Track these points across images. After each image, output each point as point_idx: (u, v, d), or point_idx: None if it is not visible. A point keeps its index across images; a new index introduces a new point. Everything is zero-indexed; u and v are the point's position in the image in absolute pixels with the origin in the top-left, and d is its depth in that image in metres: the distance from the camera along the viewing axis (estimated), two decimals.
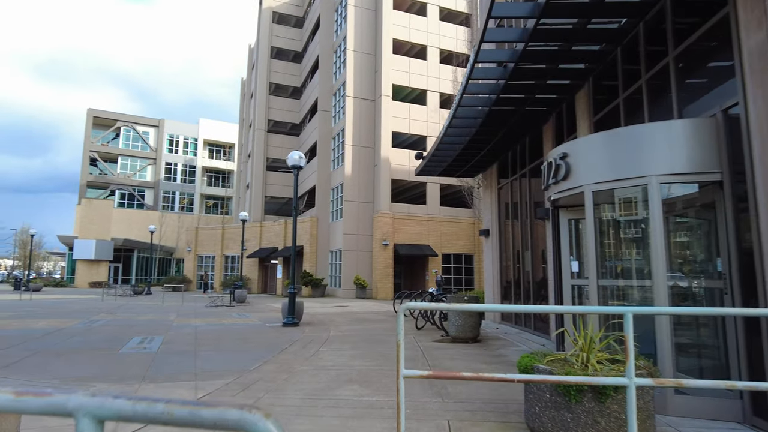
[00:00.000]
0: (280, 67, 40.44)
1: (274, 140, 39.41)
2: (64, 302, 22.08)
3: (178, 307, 19.83)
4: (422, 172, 15.04)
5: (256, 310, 18.73)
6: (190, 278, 39.53)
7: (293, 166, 13.42)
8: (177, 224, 53.85)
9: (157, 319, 14.71)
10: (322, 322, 14.11)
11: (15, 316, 14.62)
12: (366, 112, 30.18)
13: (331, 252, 31.21)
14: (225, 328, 12.20)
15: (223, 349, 8.68)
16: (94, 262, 43.76)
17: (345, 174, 29.34)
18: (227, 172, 64.07)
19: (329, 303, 23.27)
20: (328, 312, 17.89)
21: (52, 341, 9.33)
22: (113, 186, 58.62)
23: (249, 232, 35.68)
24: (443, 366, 7.17)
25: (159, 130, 61.64)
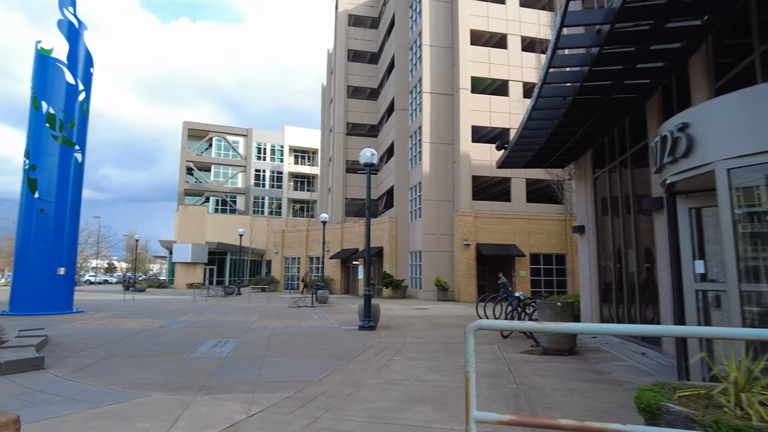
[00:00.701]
0: (357, 70, 40.58)
1: (353, 143, 39.56)
2: (160, 303, 23.45)
3: (262, 308, 20.17)
4: (505, 165, 13.82)
5: (335, 312, 18.51)
6: (278, 279, 40.85)
7: (365, 164, 12.87)
8: (266, 228, 56.19)
9: (239, 320, 14.86)
10: (400, 325, 13.41)
11: (114, 316, 15.50)
12: (444, 108, 29.17)
13: (411, 253, 30.54)
14: (300, 331, 11.91)
15: (292, 356, 8.25)
16: (191, 264, 46.73)
17: (423, 172, 28.53)
18: (312, 176, 65.88)
19: (409, 305, 22.58)
20: (407, 315, 17.19)
21: (133, 343, 9.48)
22: (207, 193, 62.56)
23: (331, 234, 36.08)
24: (533, 384, 6.11)
25: (247, 138, 64.86)
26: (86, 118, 17.86)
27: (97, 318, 14.67)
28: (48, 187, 16.33)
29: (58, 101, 16.78)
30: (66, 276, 16.56)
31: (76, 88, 17.26)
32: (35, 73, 16.85)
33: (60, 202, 16.55)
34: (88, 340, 9.56)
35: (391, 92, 34.05)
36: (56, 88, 16.84)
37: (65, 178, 16.81)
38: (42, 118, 16.48)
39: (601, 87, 8.41)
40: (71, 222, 17.02)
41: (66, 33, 17.25)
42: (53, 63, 16.89)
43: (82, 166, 17.58)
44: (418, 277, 29.02)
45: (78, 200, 17.41)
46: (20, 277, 16.00)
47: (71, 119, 17.01)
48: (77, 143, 17.25)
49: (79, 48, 17.57)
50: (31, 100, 16.67)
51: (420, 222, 28.79)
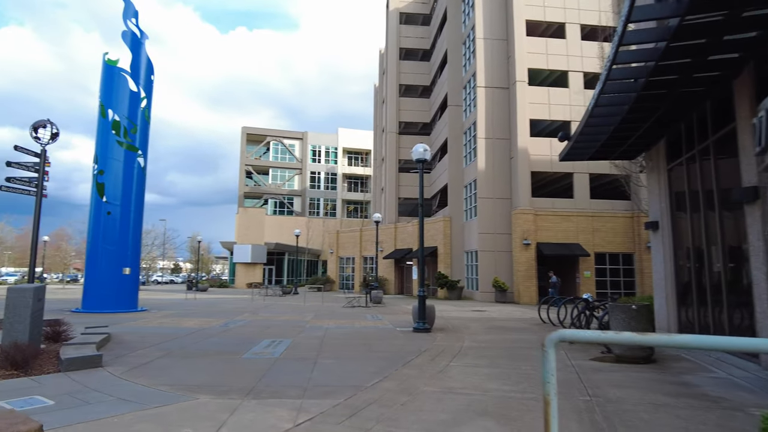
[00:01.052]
0: (408, 68, 40.20)
1: (406, 142, 39.19)
2: (219, 302, 24.09)
3: (317, 308, 20.20)
4: (569, 157, 12.93)
5: (389, 312, 18.19)
6: (333, 279, 41.20)
7: (418, 160, 12.44)
8: (322, 228, 56.99)
9: (294, 320, 14.85)
10: (456, 328, 12.86)
11: (174, 315, 15.95)
12: (499, 102, 28.18)
13: (467, 253, 29.74)
14: (354, 332, 11.64)
15: (345, 358, 7.95)
16: (251, 264, 48.10)
17: (478, 169, 27.69)
18: (365, 177, 66.20)
19: (465, 306, 21.89)
20: (464, 317, 16.57)
21: (189, 342, 9.55)
22: (266, 195, 64.32)
23: (384, 234, 35.89)
24: (609, 397, 5.45)
25: (303, 142, 66.12)
26: (148, 123, 18.56)
27: (158, 317, 15.13)
28: (114, 191, 17.09)
29: (122, 108, 17.53)
30: (131, 276, 17.25)
31: (138, 96, 17.97)
32: (102, 83, 17.69)
33: (125, 204, 17.27)
34: (147, 339, 9.74)
35: (444, 88, 33.39)
36: (120, 96, 17.60)
37: (129, 182, 17.53)
38: (108, 125, 17.26)
39: (680, 66, 7.53)
40: (135, 224, 17.72)
41: (129, 43, 18.01)
42: (118, 72, 17.67)
43: (144, 170, 18.29)
44: (475, 278, 28.20)
45: (141, 203, 18.11)
46: (90, 277, 16.83)
47: (134, 125, 17.72)
48: (140, 148, 17.95)
49: (141, 57, 18.30)
50: (99, 108, 17.50)
51: (476, 221, 27.97)
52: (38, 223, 8.56)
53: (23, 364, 6.41)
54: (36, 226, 8.53)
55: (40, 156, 8.50)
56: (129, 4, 18.22)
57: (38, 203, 8.47)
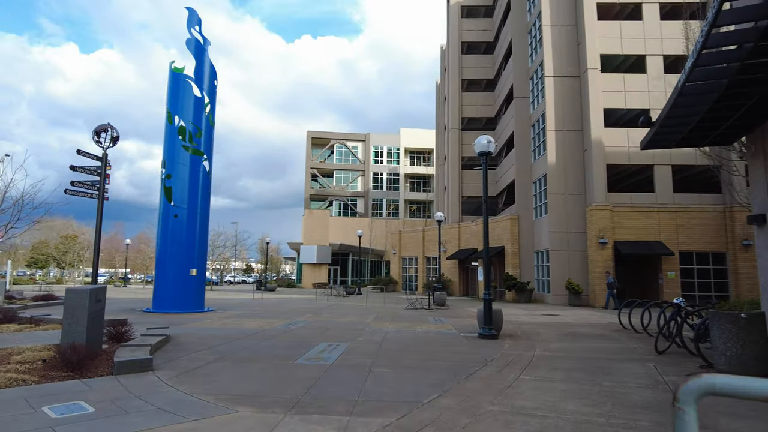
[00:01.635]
0: (471, 62, 38.97)
1: (469, 138, 37.95)
2: (284, 302, 24.31)
3: (378, 309, 19.77)
4: (651, 145, 11.52)
5: (453, 315, 17.37)
6: (396, 279, 40.78)
7: (481, 153, 11.59)
8: (385, 229, 56.80)
9: (354, 321, 14.46)
10: (527, 335, 11.86)
11: (238, 316, 16.08)
12: (569, 91, 26.44)
13: (536, 253, 28.17)
14: (414, 337, 11.01)
15: (402, 366, 7.34)
16: (316, 265, 48.79)
17: (548, 163, 26.11)
18: (427, 176, 65.39)
19: (536, 310, 20.58)
20: (534, 322, 15.43)
21: (245, 344, 9.34)
22: (330, 197, 65.26)
23: (447, 234, 34.95)
24: (720, 428, 4.43)
25: (365, 143, 66.43)
26: (212, 128, 18.98)
27: (222, 317, 15.29)
28: (180, 194, 17.57)
29: (187, 114, 18.02)
30: (197, 277, 17.67)
31: (202, 101, 18.41)
32: (169, 90, 18.28)
33: (191, 207, 17.72)
34: (204, 340, 9.65)
35: (509, 80, 31.93)
36: (185, 102, 18.10)
37: (195, 185, 17.97)
38: (174, 131, 17.80)
39: None
40: (201, 226, 18.15)
41: (193, 50, 18.50)
42: (183, 79, 18.19)
43: (209, 174, 18.70)
44: (545, 280, 26.62)
45: (206, 206, 18.53)
46: (159, 278, 17.41)
47: (199, 130, 18.16)
48: (205, 152, 18.37)
49: (205, 63, 18.74)
50: (166, 115, 18.10)
51: (546, 219, 26.40)
52: (100, 225, 8.68)
53: (78, 366, 6.36)
54: (98, 228, 8.65)
55: (102, 159, 8.64)
56: (192, 12, 18.73)
57: (100, 205, 8.60)
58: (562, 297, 24.81)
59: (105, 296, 8.10)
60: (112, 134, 8.90)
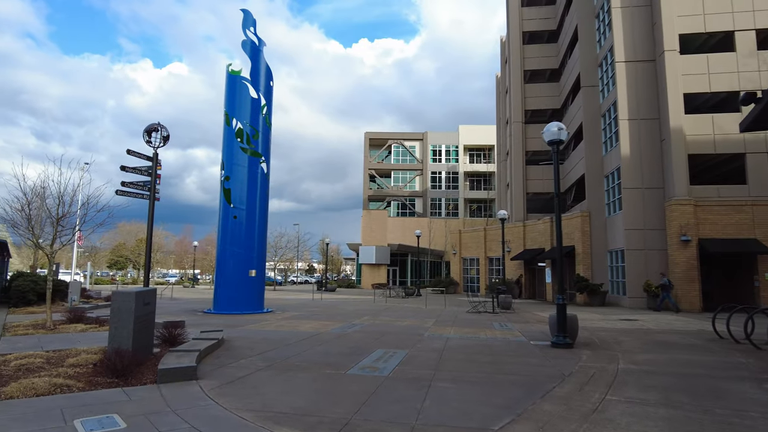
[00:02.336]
0: (533, 52, 37.12)
1: (533, 131, 36.17)
2: (342, 303, 24.00)
3: (439, 312, 18.93)
4: (754, 125, 9.93)
5: (520, 320, 16.21)
6: (457, 281, 39.60)
7: (551, 142, 10.51)
8: (444, 229, 55.62)
9: (413, 326, 13.73)
10: (605, 343, 10.62)
11: (295, 317, 15.82)
12: (644, 77, 24.31)
13: (610, 252, 26.15)
14: (479, 345, 10.11)
15: (466, 381, 6.52)
16: (375, 265, 48.52)
17: (622, 155, 24.12)
18: (488, 174, 63.45)
19: (611, 314, 18.91)
20: (612, 328, 14.01)
21: (298, 350, 8.87)
22: (389, 198, 64.92)
23: (511, 233, 33.40)
24: None
25: (423, 142, 65.53)
26: (269, 129, 18.93)
27: (279, 319, 15.07)
28: (239, 196, 17.61)
29: (244, 115, 18.05)
30: (256, 278, 17.63)
31: (258, 102, 18.39)
32: (226, 93, 18.42)
33: (250, 209, 17.71)
34: (257, 345, 9.29)
35: (576, 69, 29.98)
36: (242, 104, 18.15)
37: (253, 187, 17.95)
38: (232, 133, 17.88)
39: None
40: (260, 227, 18.11)
41: (249, 52, 18.54)
42: (240, 81, 18.26)
43: (267, 175, 18.64)
44: (620, 281, 24.62)
45: (265, 207, 18.48)
46: (220, 279, 17.53)
47: (256, 131, 18.15)
48: (262, 154, 18.34)
49: (260, 64, 18.73)
50: (224, 117, 18.23)
51: (620, 215, 24.42)
52: (151, 226, 8.53)
53: (123, 372, 6.08)
54: (149, 229, 8.50)
55: (153, 159, 8.50)
56: (248, 14, 18.78)
57: (151, 206, 8.45)
58: (639, 300, 22.80)
59: (155, 299, 7.89)
60: (162, 134, 8.75)
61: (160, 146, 8.65)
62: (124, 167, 8.12)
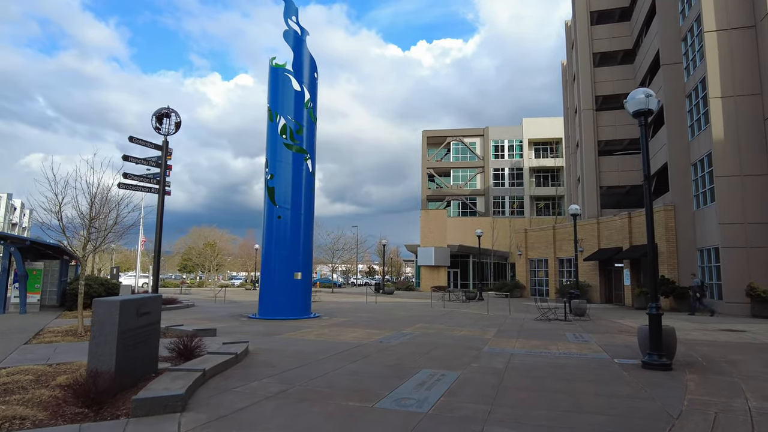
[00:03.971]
0: (603, 32, 33.88)
1: (605, 119, 32.97)
2: (397, 307, 22.50)
3: (502, 320, 16.98)
4: None
5: (597, 329, 13.97)
6: (523, 284, 36.93)
7: (638, 113, 8.45)
8: (508, 228, 52.77)
9: (470, 336, 12.00)
10: (713, 363, 8.38)
11: (341, 324, 14.53)
12: (740, 47, 20.98)
13: (700, 250, 22.86)
14: (549, 364, 8.25)
15: (533, 425, 4.80)
16: (434, 267, 46.66)
17: (713, 139, 20.92)
18: (556, 169, 59.67)
19: (706, 323, 16.10)
20: (713, 341, 11.52)
21: (325, 369, 7.47)
22: (448, 197, 62.76)
23: (584, 231, 30.45)
24: None
25: (484, 138, 62.83)
26: (314, 124, 17.85)
27: (323, 326, 13.82)
28: (284, 195, 16.62)
29: (287, 110, 17.08)
30: (302, 281, 16.54)
31: (302, 95, 17.35)
32: (269, 87, 17.55)
33: (295, 208, 16.68)
34: (283, 360, 7.99)
35: (654, 45, 26.74)
36: (285, 98, 17.19)
37: (298, 186, 16.92)
38: (276, 129, 16.95)
39: None
40: (305, 228, 17.04)
41: (291, 42, 17.55)
42: (282, 73, 17.32)
43: (313, 173, 17.55)
44: (715, 284, 21.37)
45: (311, 207, 17.39)
46: (265, 282, 16.61)
47: (300, 126, 17.11)
48: (307, 150, 17.26)
49: (303, 55, 17.70)
50: (267, 113, 17.35)
51: (713, 208, 21.19)
52: (161, 223, 7.48)
53: (96, 400, 4.92)
54: (159, 226, 7.45)
55: (162, 148, 7.48)
56: (290, 3, 17.81)
57: (161, 201, 7.42)
58: (739, 306, 19.55)
59: (159, 307, 6.77)
60: (174, 120, 7.73)
61: (171, 134, 7.64)
62: (127, 157, 7.11)
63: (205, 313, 17.80)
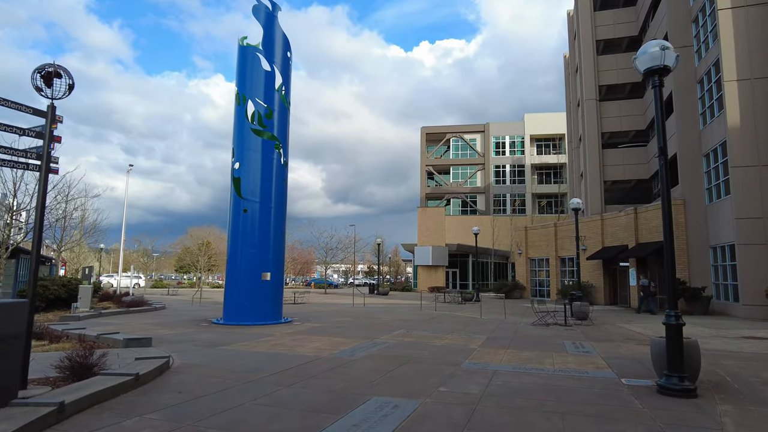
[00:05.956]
0: (607, 19, 32.09)
1: (609, 110, 31.18)
2: (384, 310, 20.78)
3: (496, 324, 15.26)
4: None
5: (602, 337, 12.24)
6: (523, 284, 35.13)
7: (649, 71, 6.73)
8: (510, 227, 50.95)
9: (453, 346, 10.30)
10: (746, 384, 6.65)
11: (309, 331, 12.84)
12: (758, 24, 19.21)
13: (713, 248, 21.08)
14: (539, 389, 6.53)
15: None
16: (432, 267, 44.91)
17: (728, 127, 19.15)
18: (558, 166, 57.78)
19: (724, 328, 14.32)
20: (738, 352, 9.78)
21: (246, 396, 5.78)
22: (448, 195, 60.97)
23: (587, 228, 28.68)
24: None
25: (484, 135, 61.05)
26: (286, 109, 16.17)
27: (288, 333, 12.13)
28: (252, 186, 14.96)
29: (256, 91, 15.42)
30: (272, 282, 14.85)
31: (272, 75, 15.68)
32: (238, 68, 15.89)
33: (264, 201, 15.01)
34: (200, 383, 6.31)
35: (662, 28, 24.94)
36: (253, 78, 15.53)
37: (268, 176, 15.24)
38: (243, 113, 15.31)
39: None
40: (276, 223, 15.36)
41: (262, 18, 15.88)
42: (251, 52, 15.66)
43: (285, 164, 15.87)
44: (730, 284, 19.58)
45: (282, 200, 15.71)
46: (230, 284, 14.92)
47: (269, 110, 15.44)
48: (278, 137, 15.58)
49: (275, 33, 16.03)
50: (235, 97, 15.73)
51: (728, 201, 19.42)
52: (42, 213, 5.83)
53: None
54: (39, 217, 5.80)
55: (47, 115, 5.87)
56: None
57: (43, 181, 5.78)
58: (758, 308, 17.79)
59: (21, 317, 5.10)
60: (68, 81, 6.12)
61: (60, 98, 6.02)
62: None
63: (168, 318, 16.17)
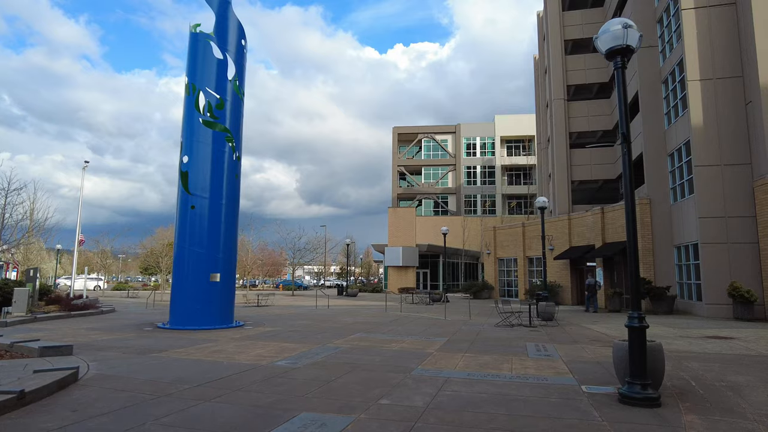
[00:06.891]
0: (575, 19, 32.17)
1: (577, 109, 31.21)
2: (346, 312, 20.04)
3: (458, 326, 14.70)
4: None
5: (565, 338, 11.80)
6: (492, 284, 34.90)
7: (612, 51, 6.22)
8: (480, 227, 50.83)
9: (408, 351, 9.65)
10: (712, 390, 6.18)
11: (259, 336, 12.00)
12: (720, 26, 19.28)
13: (677, 247, 21.11)
14: (491, 400, 5.91)
15: None
16: (402, 268, 44.38)
17: (692, 126, 19.14)
18: (528, 167, 58.12)
19: (689, 328, 14.12)
20: (702, 352, 9.42)
21: (151, 414, 4.97)
22: (419, 196, 60.61)
23: (554, 228, 28.58)
24: None
25: (455, 135, 60.96)
26: (240, 100, 15.28)
27: (233, 339, 11.27)
28: (200, 181, 14.01)
29: (207, 80, 14.48)
30: (222, 284, 13.93)
31: (225, 64, 14.77)
32: (188, 56, 14.91)
33: (214, 197, 14.08)
34: (104, 399, 5.46)
35: None
36: (204, 67, 14.59)
37: (219, 171, 14.32)
38: (193, 104, 14.35)
39: None
40: (228, 221, 14.44)
41: (214, 5, 14.95)
42: (202, 39, 14.71)
43: (238, 159, 14.97)
44: (694, 284, 19.59)
45: (234, 197, 14.80)
46: (176, 285, 13.93)
47: (221, 100, 14.53)
48: (231, 130, 14.68)
49: (229, 19, 15.13)
50: (185, 87, 14.74)
51: (691, 200, 19.43)
52: None
53: None
54: None
55: None
56: None
57: None
58: (721, 308, 17.77)
59: None
60: None
61: None
62: None
63: (111, 322, 15.05)
